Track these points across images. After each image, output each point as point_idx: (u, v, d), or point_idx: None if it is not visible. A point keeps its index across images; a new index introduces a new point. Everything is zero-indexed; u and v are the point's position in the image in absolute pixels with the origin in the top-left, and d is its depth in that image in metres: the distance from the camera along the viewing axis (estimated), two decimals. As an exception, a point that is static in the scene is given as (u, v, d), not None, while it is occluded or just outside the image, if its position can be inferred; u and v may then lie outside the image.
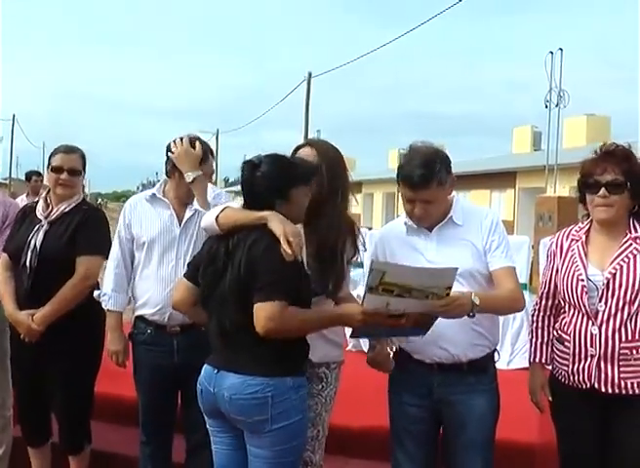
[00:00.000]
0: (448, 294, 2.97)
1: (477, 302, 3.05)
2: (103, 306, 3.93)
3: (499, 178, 32.62)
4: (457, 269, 3.01)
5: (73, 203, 4.19)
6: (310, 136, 39.23)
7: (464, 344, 3.29)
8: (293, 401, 3.01)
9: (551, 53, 24.51)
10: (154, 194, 3.94)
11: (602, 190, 3.22)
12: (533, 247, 8.31)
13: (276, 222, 2.97)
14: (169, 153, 3.85)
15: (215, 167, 4.23)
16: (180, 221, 3.86)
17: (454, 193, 3.43)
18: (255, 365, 3.00)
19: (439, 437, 3.44)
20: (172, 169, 3.87)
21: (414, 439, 3.39)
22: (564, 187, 27.14)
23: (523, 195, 32.44)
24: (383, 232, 3.65)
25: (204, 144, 3.92)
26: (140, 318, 3.92)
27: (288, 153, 3.33)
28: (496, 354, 3.47)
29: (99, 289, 4.01)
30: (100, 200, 67.99)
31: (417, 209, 3.28)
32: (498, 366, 3.53)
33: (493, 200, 34.97)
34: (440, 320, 3.07)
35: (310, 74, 36.37)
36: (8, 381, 4.44)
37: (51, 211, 4.16)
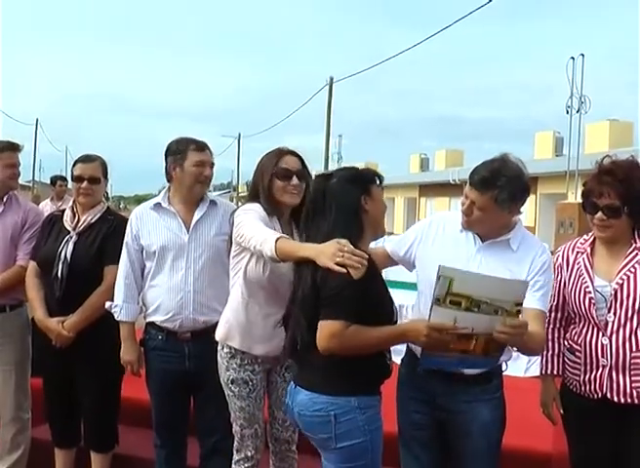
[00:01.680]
0: (519, 311, 2.88)
1: (525, 339, 2.97)
2: (116, 317, 3.96)
3: (520, 184, 32.47)
4: (527, 283, 2.97)
5: (99, 213, 4.28)
6: (332, 141, 39.22)
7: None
8: (358, 421, 2.98)
9: (572, 58, 24.44)
10: (159, 203, 3.96)
11: (599, 213, 3.23)
12: (553, 252, 8.25)
13: (323, 258, 2.86)
14: (169, 157, 3.90)
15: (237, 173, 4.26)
16: (187, 228, 3.88)
17: (519, 218, 3.36)
18: (320, 383, 3.03)
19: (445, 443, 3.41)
20: (173, 166, 3.89)
21: (420, 444, 3.37)
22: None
23: (544, 201, 32.28)
24: (445, 216, 3.52)
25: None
26: (152, 324, 3.95)
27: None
28: (504, 364, 3.39)
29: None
30: (122, 204, 68.29)
31: (466, 205, 3.22)
32: (515, 373, 3.52)
33: (514, 206, 34.83)
34: None
35: (332, 79, 36.37)
36: (27, 384, 4.55)
37: (78, 221, 4.25)
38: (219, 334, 3.60)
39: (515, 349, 3.22)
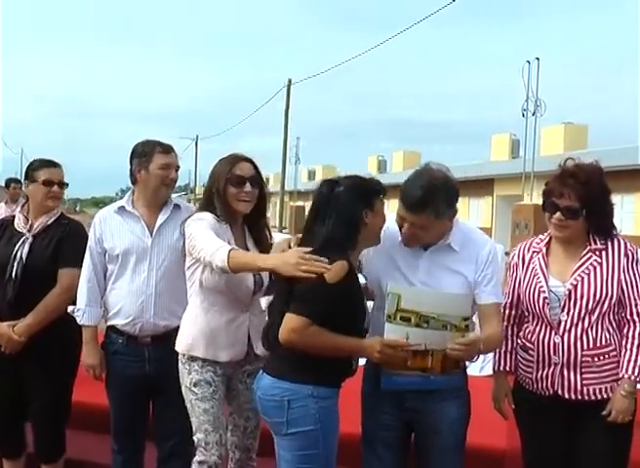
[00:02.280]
0: (467, 326, 3.03)
1: (481, 347, 3.14)
2: (78, 321, 3.92)
3: (477, 186, 32.83)
4: (472, 297, 3.11)
5: (54, 217, 4.25)
6: (289, 143, 39.22)
7: None
8: (310, 409, 3.08)
9: (528, 62, 24.80)
10: (123, 206, 3.94)
11: (558, 213, 3.29)
12: (508, 253, 8.36)
13: (286, 268, 2.97)
14: (134, 160, 3.89)
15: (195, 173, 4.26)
16: (151, 232, 3.87)
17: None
18: (282, 369, 3.15)
19: (411, 442, 3.47)
20: (138, 169, 3.87)
21: (385, 444, 3.40)
22: (541, 195, 27.36)
23: (501, 202, 32.66)
24: (390, 230, 3.42)
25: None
26: (112, 328, 3.93)
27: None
28: (467, 362, 3.48)
29: (74, 303, 4.00)
30: (78, 206, 67.54)
31: (405, 228, 3.23)
32: (470, 372, 3.56)
33: (471, 207, 35.17)
34: None
35: (290, 81, 36.41)
36: None
37: (32, 224, 4.20)
38: (181, 346, 3.58)
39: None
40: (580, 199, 3.24)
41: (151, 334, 3.82)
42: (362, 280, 3.38)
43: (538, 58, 25.10)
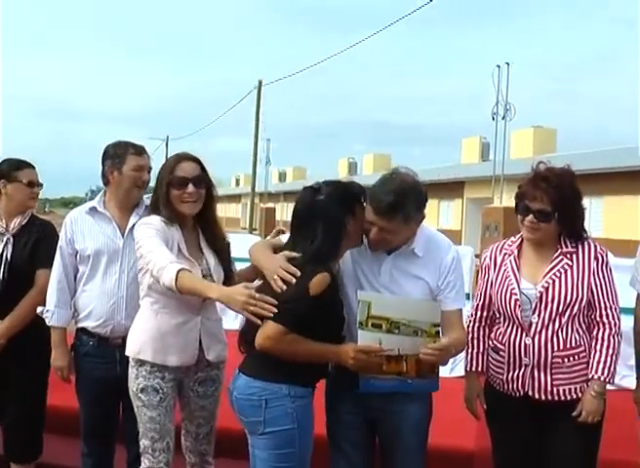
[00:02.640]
0: (437, 333, 3.07)
1: (453, 352, 3.21)
2: (47, 322, 3.89)
3: (447, 188, 33.01)
4: (439, 304, 3.16)
5: (27, 217, 4.24)
6: (260, 144, 39.17)
7: None
8: (287, 408, 3.11)
9: (498, 66, 25.00)
10: (94, 207, 3.91)
11: (531, 216, 3.33)
12: (478, 256, 8.41)
13: (233, 305, 2.98)
14: (107, 161, 3.86)
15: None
16: (122, 233, 3.83)
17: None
18: (258, 369, 3.17)
19: (375, 441, 3.48)
20: (110, 170, 3.85)
21: (351, 443, 3.42)
22: (511, 198, 27.51)
23: (471, 205, 32.83)
24: None
25: None
26: (83, 330, 3.89)
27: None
28: None
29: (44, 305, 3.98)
30: (47, 206, 66.90)
31: (372, 233, 3.22)
32: (440, 374, 3.58)
33: (441, 209, 35.35)
34: None
35: (261, 82, 36.38)
36: None
37: (7, 223, 4.18)
38: (129, 350, 3.54)
39: None
40: (552, 202, 3.27)
41: (122, 336, 3.76)
42: None
43: (508, 63, 25.34)
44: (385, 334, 3.03)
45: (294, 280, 3.04)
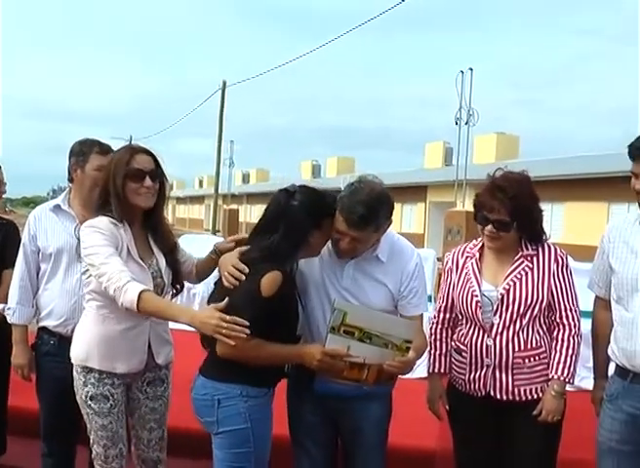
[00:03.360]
0: (408, 348, 3.08)
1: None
2: (8, 320, 3.85)
3: (410, 192, 33.17)
4: (414, 324, 3.19)
5: None
6: (224, 146, 39.05)
7: None
8: (239, 408, 3.11)
9: (462, 72, 25.16)
10: (59, 205, 3.87)
11: (489, 226, 3.37)
12: (440, 259, 8.48)
13: (204, 329, 2.93)
14: (72, 158, 3.83)
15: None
16: None
17: None
18: (213, 370, 3.18)
19: (337, 439, 3.50)
20: (74, 168, 3.82)
21: (314, 442, 3.45)
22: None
23: (433, 209, 33.03)
24: None
25: None
26: (44, 329, 3.85)
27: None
28: None
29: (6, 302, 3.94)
30: (8, 205, 66.06)
31: (343, 242, 3.22)
32: (401, 375, 3.61)
33: (404, 213, 35.52)
34: None
35: (225, 83, 36.26)
36: None
37: None
38: (75, 357, 3.42)
39: None
40: (509, 213, 3.31)
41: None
42: None
43: (471, 69, 25.47)
44: (356, 342, 3.04)
45: (242, 276, 3.06)
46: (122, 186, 3.32)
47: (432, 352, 3.62)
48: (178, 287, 3.57)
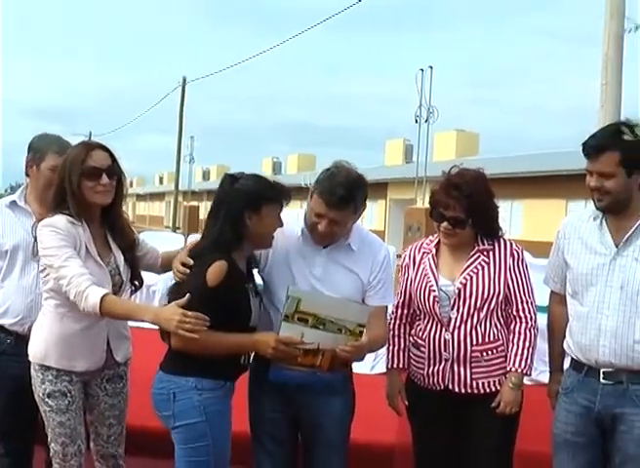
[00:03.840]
0: (361, 333, 3.10)
1: (366, 351, 3.27)
2: None
3: (370, 189, 33.03)
4: (369, 308, 3.21)
5: None
6: (184, 142, 38.86)
7: None
8: (194, 401, 3.10)
9: (422, 70, 25.29)
10: (15, 201, 3.81)
11: (445, 223, 3.42)
12: (399, 256, 8.53)
13: (168, 326, 2.98)
14: (29, 153, 3.79)
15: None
16: None
17: None
18: (168, 363, 3.20)
19: (298, 437, 3.51)
20: (30, 164, 3.78)
21: (274, 440, 3.45)
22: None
23: (394, 206, 33.18)
24: (288, 229, 3.48)
25: None
26: (0, 327, 3.78)
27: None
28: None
29: None
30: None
31: (322, 225, 3.26)
32: (361, 370, 3.63)
33: (365, 210, 35.59)
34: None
35: (185, 79, 36.09)
36: None
37: None
38: (33, 355, 3.39)
39: None
40: (465, 210, 3.38)
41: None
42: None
43: (431, 67, 25.63)
44: (309, 329, 3.06)
45: (187, 270, 3.12)
46: (78, 184, 3.28)
47: (390, 348, 3.65)
48: (136, 283, 3.55)
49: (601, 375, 3.22)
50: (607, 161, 3.13)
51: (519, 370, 3.40)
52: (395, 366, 3.64)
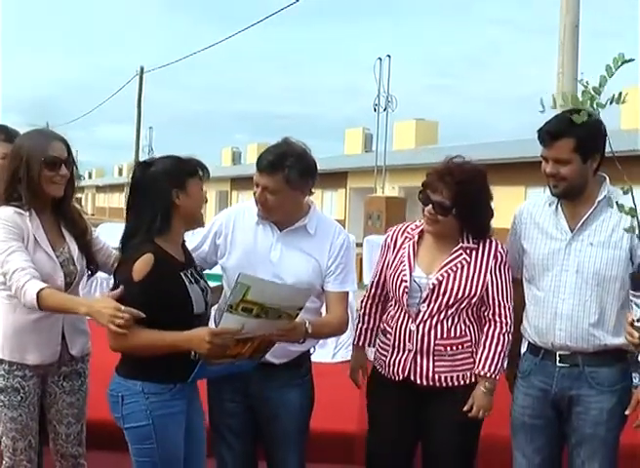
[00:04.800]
0: (297, 315, 3.04)
1: (310, 331, 3.14)
2: None
3: (330, 178, 33.23)
4: (310, 292, 3.15)
5: None
6: (142, 132, 38.52)
7: (284, 350, 3.30)
8: (141, 405, 3.03)
9: (380, 59, 25.28)
10: None
11: (429, 206, 3.34)
12: (359, 244, 8.56)
13: (101, 320, 2.88)
14: None
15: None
16: None
17: (312, 201, 3.45)
18: (120, 365, 3.12)
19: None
20: None
21: (233, 433, 3.44)
22: (393, 187, 28.00)
23: (354, 195, 33.22)
24: (238, 209, 3.56)
25: None
26: None
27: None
28: (311, 348, 3.53)
29: None
30: None
31: (258, 192, 3.25)
32: (322, 359, 3.63)
33: (325, 199, 35.63)
34: None
35: (142, 69, 35.74)
36: None
37: None
38: None
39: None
40: (452, 197, 3.28)
41: None
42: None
43: (389, 56, 25.60)
44: (251, 319, 2.91)
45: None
46: (38, 175, 3.22)
47: (359, 326, 3.62)
48: (92, 268, 3.48)
49: (557, 358, 3.26)
50: (562, 147, 3.13)
51: (488, 375, 3.34)
52: (361, 343, 3.62)
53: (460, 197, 3.29)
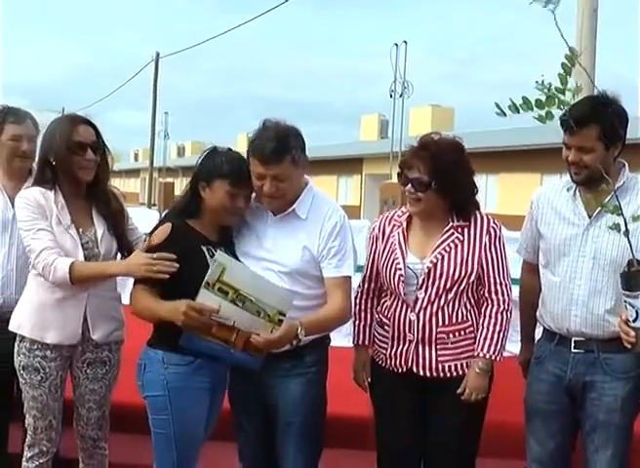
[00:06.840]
0: (280, 321, 3.01)
1: (302, 336, 3.07)
2: None
3: (346, 165, 33.33)
4: (292, 299, 3.09)
5: None
6: (158, 118, 38.54)
7: None
8: (160, 375, 3.12)
9: (396, 45, 25.22)
10: None
11: (409, 185, 3.26)
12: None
13: (137, 273, 3.09)
14: None
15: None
16: (13, 204, 3.61)
17: (308, 179, 3.35)
18: (151, 335, 3.24)
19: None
20: None
21: (245, 414, 3.43)
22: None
23: (369, 181, 33.20)
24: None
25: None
26: None
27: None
28: (327, 339, 3.46)
29: None
30: None
31: (267, 185, 3.13)
32: (340, 343, 3.60)
33: (340, 185, 35.66)
34: None
35: (158, 54, 35.74)
36: None
37: None
38: (11, 323, 3.40)
39: None
40: (428, 172, 3.20)
41: (13, 311, 3.64)
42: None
43: (405, 42, 25.61)
44: (227, 303, 2.95)
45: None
46: (63, 159, 3.28)
47: (357, 323, 3.51)
48: (126, 254, 3.44)
49: (572, 344, 3.25)
50: (587, 135, 3.08)
51: (487, 356, 3.26)
52: (361, 342, 3.51)
53: (437, 171, 3.19)
